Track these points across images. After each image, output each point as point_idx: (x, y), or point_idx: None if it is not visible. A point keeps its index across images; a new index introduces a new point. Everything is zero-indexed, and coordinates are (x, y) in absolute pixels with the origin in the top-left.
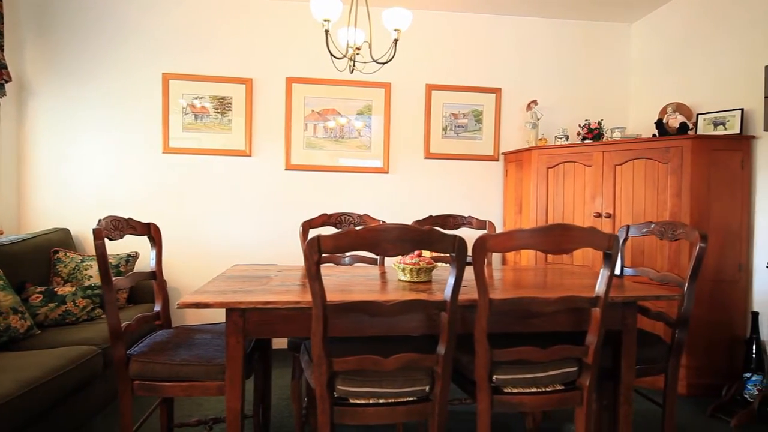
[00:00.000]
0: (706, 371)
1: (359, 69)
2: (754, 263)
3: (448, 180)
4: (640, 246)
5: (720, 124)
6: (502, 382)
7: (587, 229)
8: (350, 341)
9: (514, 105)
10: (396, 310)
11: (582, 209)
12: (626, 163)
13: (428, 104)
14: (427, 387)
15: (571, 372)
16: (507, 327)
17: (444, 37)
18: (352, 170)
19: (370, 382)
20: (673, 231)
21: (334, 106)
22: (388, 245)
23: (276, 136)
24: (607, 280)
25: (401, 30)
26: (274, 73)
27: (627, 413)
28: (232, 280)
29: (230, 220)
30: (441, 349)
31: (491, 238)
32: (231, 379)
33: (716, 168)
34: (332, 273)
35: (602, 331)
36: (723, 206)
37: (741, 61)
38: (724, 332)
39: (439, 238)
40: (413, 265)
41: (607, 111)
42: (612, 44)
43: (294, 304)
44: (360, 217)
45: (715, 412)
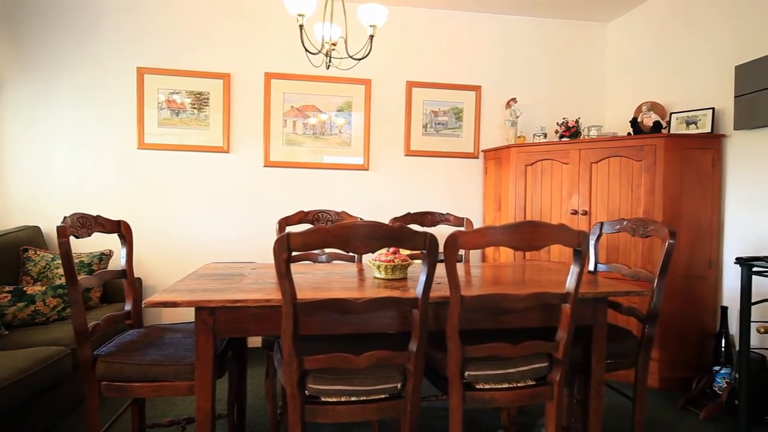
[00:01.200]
0: (678, 365)
1: (335, 65)
2: (723, 259)
3: (428, 177)
4: (615, 242)
5: (692, 123)
6: (474, 378)
7: (557, 226)
8: (324, 339)
9: (494, 103)
10: (367, 308)
11: (559, 206)
12: (602, 161)
13: (409, 101)
14: (399, 384)
15: (541, 367)
16: (479, 323)
17: (424, 35)
18: (333, 167)
19: (342, 380)
20: (644, 228)
21: (314, 102)
22: (359, 242)
23: (254, 133)
24: (577, 276)
25: (377, 26)
26: (253, 69)
27: (597, 407)
28: (203, 279)
29: (208, 217)
30: (413, 346)
31: (462, 236)
32: (201, 379)
33: (688, 166)
34: (308, 270)
35: (572, 327)
36: (694, 203)
37: (712, 61)
38: (695, 327)
39: (410, 235)
40: (388, 262)
41: (585, 109)
42: (589, 43)
43: (264, 303)
44: (337, 214)
45: (686, 404)
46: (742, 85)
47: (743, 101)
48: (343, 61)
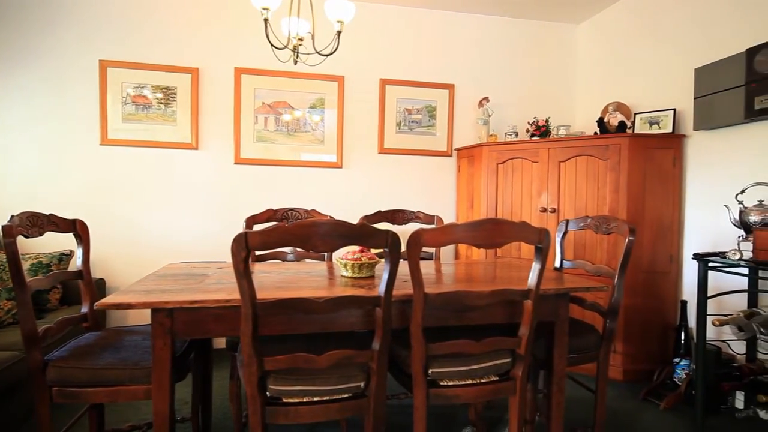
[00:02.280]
0: (641, 357)
1: (303, 61)
2: (683, 255)
3: (402, 175)
4: (581, 239)
5: (655, 123)
6: (438, 375)
7: (518, 223)
8: (288, 339)
9: (467, 101)
10: (329, 307)
11: (529, 204)
12: (570, 160)
13: (382, 99)
14: (362, 383)
15: (504, 363)
16: (444, 321)
17: (398, 32)
18: (305, 165)
19: (304, 381)
20: (607, 225)
21: (286, 98)
22: (318, 241)
23: (225, 129)
24: (539, 273)
25: (344, 22)
26: (222, 63)
27: (559, 401)
28: (164, 279)
29: (176, 216)
30: (376, 345)
31: (425, 233)
32: (158, 383)
33: (651, 165)
34: (275, 270)
35: (534, 323)
36: (656, 201)
37: (674, 63)
38: (657, 320)
39: (372, 233)
40: (355, 260)
41: (556, 109)
42: (560, 44)
43: (224, 303)
44: (307, 212)
45: (647, 395)
46: (701, 87)
47: (702, 103)
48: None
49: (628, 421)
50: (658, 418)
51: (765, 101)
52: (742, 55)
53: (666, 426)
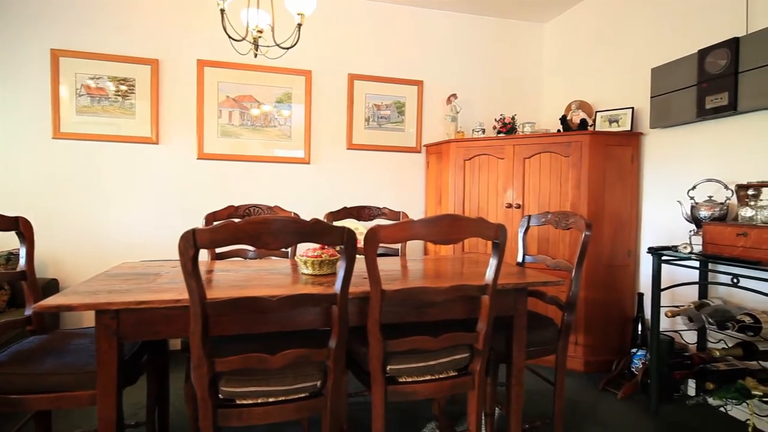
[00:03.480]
0: (601, 349)
1: (263, 53)
2: (641, 249)
3: (371, 171)
4: (545, 235)
5: (614, 121)
6: (397, 371)
7: (475, 219)
8: (244, 339)
9: (436, 98)
10: (283, 306)
11: (495, 200)
12: (534, 157)
13: (351, 94)
14: (318, 382)
15: (463, 358)
16: (404, 317)
17: (367, 27)
18: (272, 160)
19: (257, 381)
20: (566, 220)
21: (252, 92)
22: (270, 238)
23: (187, 123)
24: (496, 268)
25: (305, 14)
26: (184, 55)
27: (518, 393)
28: (113, 279)
29: (135, 213)
30: (332, 343)
31: (381, 230)
32: (103, 388)
33: (610, 162)
34: (234, 268)
35: (491, 318)
36: (616, 197)
37: (632, 63)
38: (616, 312)
39: (326, 230)
40: (315, 257)
41: (523, 106)
42: (527, 43)
43: (174, 303)
44: (270, 208)
45: (606, 386)
46: (657, 87)
47: (658, 102)
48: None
49: (587, 411)
50: (615, 407)
51: (715, 101)
52: (694, 56)
53: (622, 414)
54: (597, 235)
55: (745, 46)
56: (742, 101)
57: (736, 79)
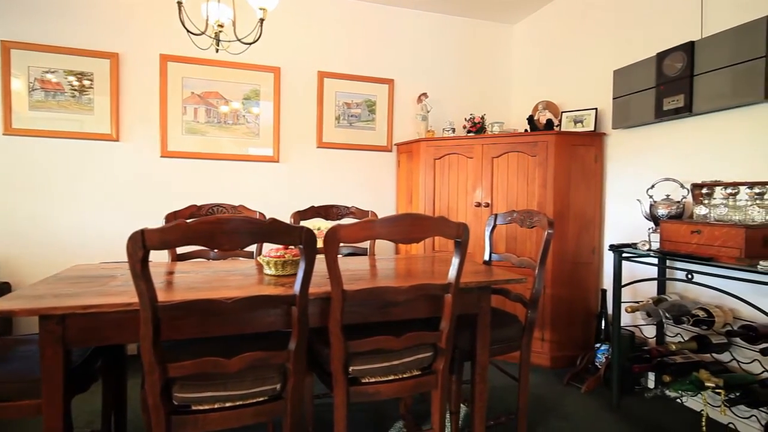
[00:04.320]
0: (567, 344)
1: (224, 48)
2: (604, 246)
3: (342, 170)
4: (513, 233)
5: (579, 121)
6: (360, 372)
7: (437, 218)
8: (204, 342)
9: (407, 97)
10: (240, 308)
11: (465, 199)
12: (502, 156)
13: (320, 92)
14: (278, 385)
15: (426, 357)
16: (368, 317)
17: (337, 24)
18: (239, 158)
19: (214, 386)
20: (530, 219)
21: (218, 89)
22: (224, 238)
23: (149, 120)
24: (458, 267)
25: (267, 9)
26: (146, 49)
27: (482, 390)
28: (62, 282)
29: (94, 213)
30: (292, 345)
31: (342, 229)
32: (49, 397)
33: (575, 161)
34: (195, 269)
35: (454, 316)
36: (580, 195)
37: (596, 65)
38: (581, 308)
39: (284, 230)
40: (278, 257)
41: (493, 106)
42: (497, 43)
43: (124, 307)
44: (234, 208)
45: (571, 380)
46: (619, 88)
47: (619, 103)
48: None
49: (552, 405)
50: (578, 401)
51: (672, 102)
52: (653, 59)
53: (585, 408)
54: (563, 233)
55: (700, 50)
56: (697, 103)
57: (691, 82)
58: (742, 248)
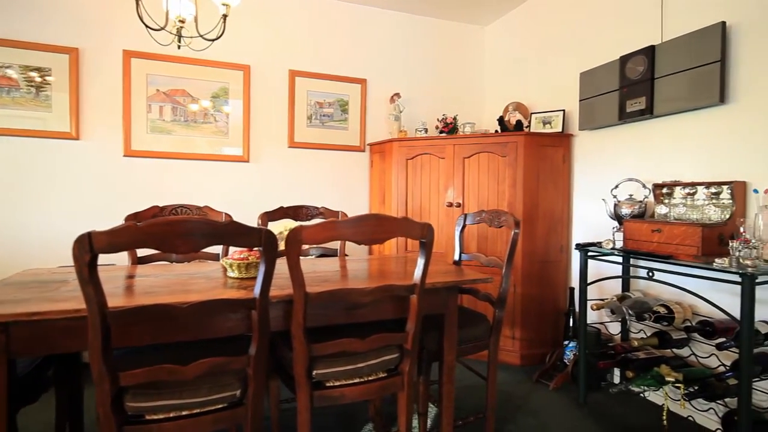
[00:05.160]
0: (536, 342)
1: (186, 44)
2: (572, 245)
3: (314, 170)
4: (484, 233)
5: (548, 122)
6: (323, 376)
7: (400, 219)
8: (161, 348)
9: (380, 96)
10: (196, 313)
11: (437, 199)
12: (473, 156)
13: (292, 91)
14: (238, 391)
15: (392, 359)
16: (333, 319)
17: (308, 23)
18: (208, 158)
19: (169, 394)
20: (498, 219)
21: (184, 86)
22: (178, 241)
23: (112, 118)
24: (423, 267)
25: (230, 5)
26: (108, 45)
27: (449, 391)
28: (9, 287)
29: (51, 214)
30: (252, 350)
31: (304, 230)
32: None
33: (544, 162)
34: (155, 272)
35: (420, 318)
36: (549, 195)
37: (564, 67)
38: (551, 306)
39: (242, 231)
40: (241, 260)
41: (466, 106)
42: (470, 44)
43: (73, 314)
44: (199, 209)
45: (540, 377)
46: (585, 90)
47: (586, 105)
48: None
49: (521, 403)
50: (547, 397)
51: (634, 105)
52: (616, 62)
53: (553, 405)
54: (532, 233)
55: (660, 54)
56: (658, 105)
57: (652, 85)
58: (699, 246)
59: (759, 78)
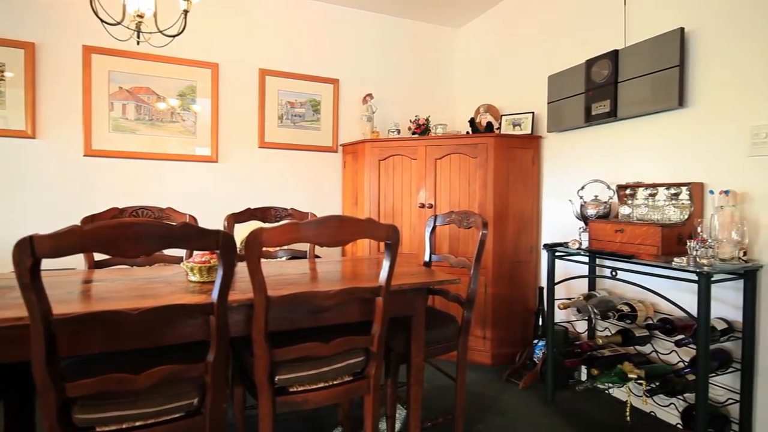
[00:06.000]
0: (507, 342)
1: (145, 40)
2: (541, 245)
3: (285, 171)
4: (456, 233)
5: (517, 124)
6: (287, 381)
7: (364, 220)
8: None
9: (353, 97)
10: (148, 319)
11: (409, 200)
12: (445, 157)
13: (262, 90)
14: (195, 400)
15: (358, 362)
16: (298, 323)
17: (279, 21)
18: (174, 158)
19: (121, 404)
20: (467, 220)
21: (149, 84)
22: (128, 244)
23: (71, 116)
24: (389, 269)
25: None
26: (67, 40)
27: (417, 393)
28: None
29: (6, 216)
30: (210, 356)
31: (264, 232)
32: None
33: (513, 163)
34: (113, 277)
35: (386, 320)
36: (519, 196)
37: (533, 70)
38: (521, 306)
39: (197, 234)
40: (203, 263)
41: (438, 108)
42: (442, 46)
43: (14, 322)
44: (161, 210)
45: (510, 377)
46: (553, 93)
47: (553, 107)
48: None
49: (490, 402)
50: (516, 396)
51: (599, 107)
52: (582, 66)
53: (521, 403)
54: (502, 233)
55: (623, 58)
56: (621, 109)
57: (616, 89)
58: (659, 246)
59: (715, 82)
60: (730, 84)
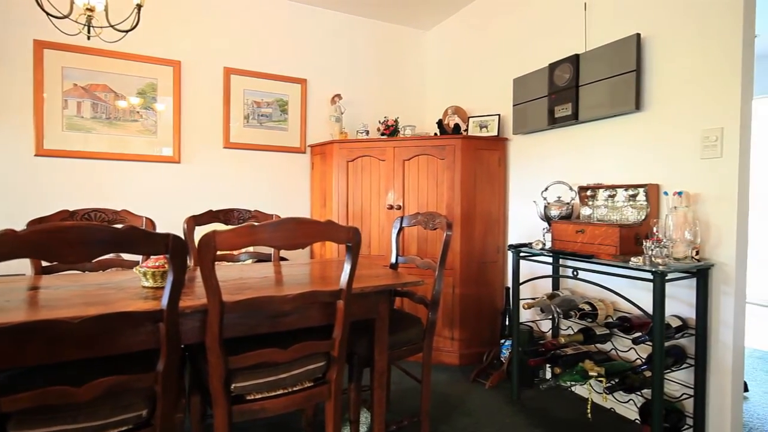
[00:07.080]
0: (475, 342)
1: (96, 35)
2: (507, 246)
3: (252, 172)
4: (424, 235)
5: (484, 126)
6: (243, 389)
7: (324, 223)
8: (65, 367)
9: (321, 97)
10: (92, 328)
11: (378, 202)
12: (413, 159)
13: (227, 89)
14: (144, 411)
15: (318, 367)
16: (256, 328)
17: (245, 19)
18: (133, 158)
19: (60, 419)
20: (433, 221)
21: (106, 81)
22: (66, 249)
23: (21, 114)
24: (350, 272)
25: None
26: (16, 34)
27: (380, 397)
28: None
29: None
30: (160, 366)
31: (218, 236)
32: None
33: (480, 164)
34: (62, 283)
35: (347, 323)
36: (486, 197)
37: (499, 72)
38: (488, 306)
39: (143, 238)
40: (156, 268)
41: (408, 109)
42: (411, 48)
43: None
44: (116, 213)
45: (477, 377)
46: (518, 96)
47: (519, 110)
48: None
49: (457, 403)
50: (483, 396)
51: (562, 110)
52: (546, 69)
53: (488, 403)
54: (470, 234)
55: (584, 62)
56: (582, 112)
57: (577, 92)
58: (618, 246)
59: (669, 87)
60: (683, 89)
